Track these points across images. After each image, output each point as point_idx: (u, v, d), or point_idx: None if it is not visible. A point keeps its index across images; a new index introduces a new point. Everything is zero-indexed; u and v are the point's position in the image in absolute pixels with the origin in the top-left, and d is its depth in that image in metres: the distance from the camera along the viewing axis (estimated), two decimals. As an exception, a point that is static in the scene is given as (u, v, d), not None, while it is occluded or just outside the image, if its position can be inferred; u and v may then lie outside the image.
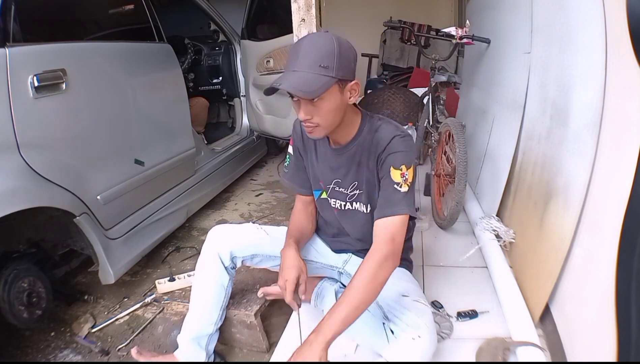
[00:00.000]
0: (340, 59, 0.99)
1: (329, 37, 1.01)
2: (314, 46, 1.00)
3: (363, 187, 1.18)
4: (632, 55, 0.87)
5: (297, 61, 1.00)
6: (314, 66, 0.98)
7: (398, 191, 1.07)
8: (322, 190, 1.27)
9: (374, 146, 1.12)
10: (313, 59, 0.98)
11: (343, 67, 1.00)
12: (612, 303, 0.85)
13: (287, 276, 1.08)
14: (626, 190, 0.84)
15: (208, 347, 1.27)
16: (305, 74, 0.98)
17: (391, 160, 1.08)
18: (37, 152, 1.38)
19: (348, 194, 1.21)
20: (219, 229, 1.30)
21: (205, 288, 1.26)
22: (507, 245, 1.63)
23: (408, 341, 1.05)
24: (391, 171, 1.08)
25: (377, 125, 1.13)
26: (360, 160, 1.15)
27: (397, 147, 1.08)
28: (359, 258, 1.31)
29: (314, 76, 0.98)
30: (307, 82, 0.97)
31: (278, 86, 0.98)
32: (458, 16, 4.46)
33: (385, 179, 1.10)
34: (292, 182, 1.31)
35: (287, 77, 0.99)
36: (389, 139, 1.08)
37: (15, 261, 1.42)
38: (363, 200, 1.19)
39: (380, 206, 1.09)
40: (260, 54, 2.68)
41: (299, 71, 0.99)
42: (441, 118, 2.13)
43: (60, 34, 1.60)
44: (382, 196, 1.10)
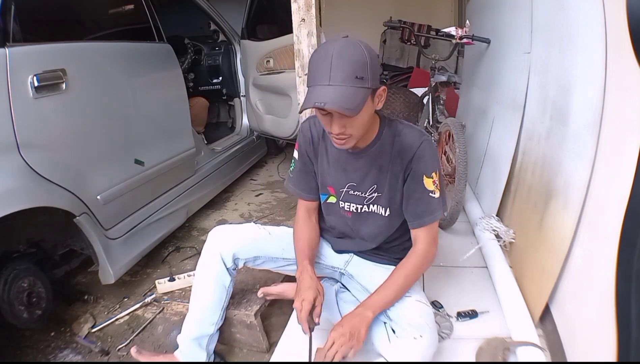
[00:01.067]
0: (372, 68, 0.96)
1: (358, 45, 0.96)
2: (346, 57, 0.94)
3: (384, 191, 1.16)
4: (632, 55, 0.87)
5: (329, 73, 0.93)
6: (350, 79, 0.93)
7: (433, 199, 1.12)
8: (329, 194, 1.24)
9: (400, 151, 1.11)
10: (348, 71, 0.93)
11: (374, 76, 0.97)
12: (612, 303, 0.85)
13: (305, 296, 1.07)
14: (626, 190, 0.84)
15: (208, 347, 1.26)
16: (342, 89, 0.93)
17: (423, 168, 1.10)
18: (37, 152, 1.38)
19: (366, 197, 1.19)
20: (221, 230, 1.29)
21: (206, 288, 1.26)
22: (507, 245, 1.63)
23: (409, 340, 1.05)
24: (424, 180, 1.10)
25: (399, 129, 1.12)
26: (381, 164, 1.14)
27: (426, 153, 1.09)
28: (360, 259, 1.31)
29: (353, 90, 0.93)
30: (348, 98, 0.92)
31: (321, 105, 0.92)
32: (458, 16, 4.45)
33: (417, 186, 1.11)
34: (297, 188, 1.28)
35: (324, 93, 0.93)
36: (417, 145, 1.09)
37: (15, 261, 1.42)
38: (382, 203, 1.18)
39: (419, 215, 1.14)
40: (260, 54, 2.68)
41: (334, 85, 0.93)
42: (441, 118, 2.13)
43: (60, 34, 1.60)
44: (418, 205, 1.13)
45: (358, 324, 1.02)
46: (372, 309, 1.05)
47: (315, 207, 1.30)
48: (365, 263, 1.30)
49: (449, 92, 2.35)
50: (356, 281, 1.30)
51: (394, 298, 1.10)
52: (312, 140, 1.20)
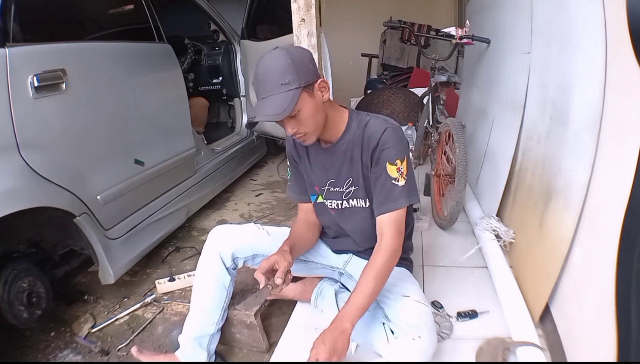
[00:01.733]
0: (296, 69, 1.03)
1: (278, 53, 1.04)
2: (268, 68, 1.04)
3: (359, 182, 1.19)
4: (632, 55, 0.87)
5: (261, 87, 1.05)
6: (276, 86, 1.02)
7: (396, 186, 1.11)
8: (317, 194, 1.28)
9: (367, 140, 1.14)
10: (272, 80, 1.03)
11: (303, 74, 1.04)
12: (612, 303, 0.85)
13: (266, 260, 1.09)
14: (626, 190, 0.84)
15: (210, 347, 1.27)
16: (271, 98, 1.03)
17: (386, 155, 1.11)
18: (37, 152, 1.38)
19: (344, 192, 1.22)
20: (220, 229, 1.30)
21: (206, 288, 1.26)
22: (507, 245, 1.63)
23: (408, 341, 1.05)
24: (387, 167, 1.11)
25: (365, 120, 1.16)
26: (352, 155, 1.17)
27: (389, 140, 1.11)
28: (359, 259, 1.31)
29: (280, 96, 1.02)
30: (276, 105, 1.02)
31: (254, 120, 1.05)
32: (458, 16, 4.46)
33: (381, 174, 1.12)
34: (294, 192, 1.35)
35: (259, 107, 1.05)
36: (380, 132, 1.11)
37: (15, 261, 1.42)
38: (361, 195, 1.21)
39: (381, 202, 1.13)
40: (260, 54, 2.66)
41: (266, 97, 1.04)
42: (441, 118, 2.13)
43: (60, 34, 1.60)
44: (381, 192, 1.14)
45: (339, 340, 0.98)
46: (349, 320, 1.01)
47: (311, 209, 1.33)
48: (365, 263, 1.30)
49: (449, 92, 2.35)
50: (355, 281, 1.30)
51: (369, 302, 1.05)
52: (294, 143, 1.27)
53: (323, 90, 1.09)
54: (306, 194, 1.31)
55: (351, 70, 4.36)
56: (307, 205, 1.33)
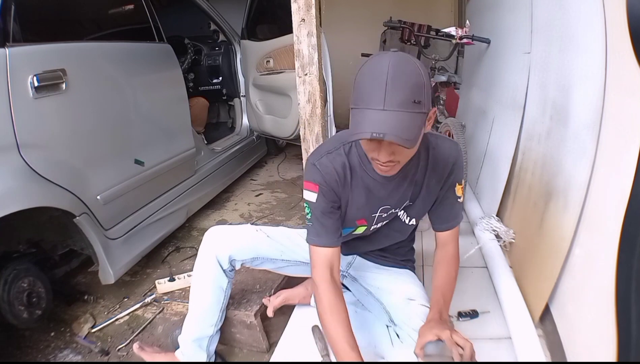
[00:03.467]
0: (428, 90, 0.84)
1: (413, 63, 0.84)
2: (403, 77, 0.81)
3: (416, 202, 1.12)
4: (632, 55, 0.87)
5: (383, 96, 0.81)
6: (408, 103, 0.81)
7: (459, 203, 1.14)
8: (356, 227, 1.14)
9: (435, 164, 1.07)
10: (406, 94, 0.81)
11: (430, 98, 0.86)
12: (612, 303, 0.85)
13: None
14: (626, 190, 0.84)
15: (209, 348, 1.27)
16: (399, 115, 0.81)
17: (457, 177, 1.11)
18: (37, 152, 1.38)
19: (398, 212, 1.15)
20: (216, 231, 1.25)
21: (203, 290, 1.24)
22: (507, 245, 1.63)
23: (413, 345, 1.04)
24: (456, 187, 1.12)
25: (432, 142, 1.06)
26: (416, 179, 1.08)
27: (461, 163, 1.10)
28: (362, 260, 1.31)
29: (410, 116, 0.82)
30: (406, 127, 0.81)
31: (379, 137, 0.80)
32: (458, 16, 4.45)
33: (451, 194, 1.13)
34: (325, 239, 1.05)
35: (379, 121, 0.81)
36: (454, 156, 1.08)
37: (15, 261, 1.42)
38: (411, 213, 1.16)
39: (446, 219, 1.15)
40: (260, 54, 2.68)
41: (389, 111, 0.81)
42: (441, 118, 2.13)
43: (60, 34, 1.60)
44: (445, 210, 1.15)
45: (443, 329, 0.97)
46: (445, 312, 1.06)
47: (338, 253, 1.08)
48: (369, 265, 1.30)
49: (449, 92, 2.35)
50: (359, 284, 1.30)
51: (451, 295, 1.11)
52: (337, 176, 1.03)
53: (430, 121, 0.93)
54: (339, 237, 1.08)
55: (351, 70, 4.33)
56: (334, 250, 1.06)
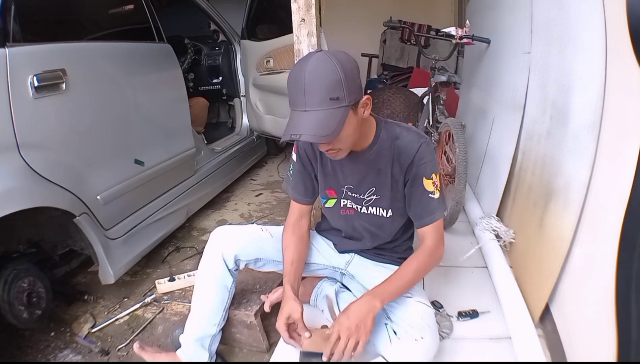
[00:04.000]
0: (347, 84, 0.93)
1: (330, 62, 0.92)
2: (318, 78, 0.92)
3: (383, 193, 1.17)
4: (632, 55, 0.87)
5: (303, 98, 0.93)
6: (325, 101, 0.92)
7: (433, 199, 1.12)
8: (328, 197, 1.24)
9: (399, 154, 1.12)
10: (321, 94, 0.92)
11: (352, 90, 0.95)
12: (612, 303, 0.85)
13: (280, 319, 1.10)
14: (626, 190, 0.84)
15: (211, 348, 1.27)
16: (317, 114, 0.92)
17: (423, 171, 1.11)
18: (37, 152, 1.38)
19: (364, 199, 1.19)
20: (223, 230, 1.28)
21: (208, 289, 1.25)
22: (507, 245, 1.63)
23: (411, 342, 1.05)
24: (424, 181, 1.11)
25: (396, 132, 1.12)
26: (380, 167, 1.14)
27: (425, 156, 1.10)
28: (361, 259, 1.31)
29: (329, 113, 0.92)
30: (323, 124, 0.92)
31: (300, 139, 0.93)
32: (458, 16, 4.45)
33: (417, 188, 1.12)
34: (294, 191, 1.28)
35: (302, 123, 0.93)
36: (416, 148, 1.09)
37: (15, 261, 1.42)
38: (384, 204, 1.19)
39: (420, 216, 1.15)
40: (260, 54, 2.68)
41: (309, 111, 0.93)
42: (441, 118, 2.13)
43: (60, 34, 1.60)
44: (417, 206, 1.14)
45: (365, 315, 0.98)
46: (381, 299, 1.02)
47: (308, 211, 1.30)
48: (367, 262, 1.30)
49: (449, 92, 2.34)
50: (357, 282, 1.30)
51: (402, 290, 1.10)
52: (312, 149, 1.20)
53: (365, 106, 1.01)
54: (308, 195, 1.27)
55: (351, 70, 4.35)
56: (304, 207, 1.29)
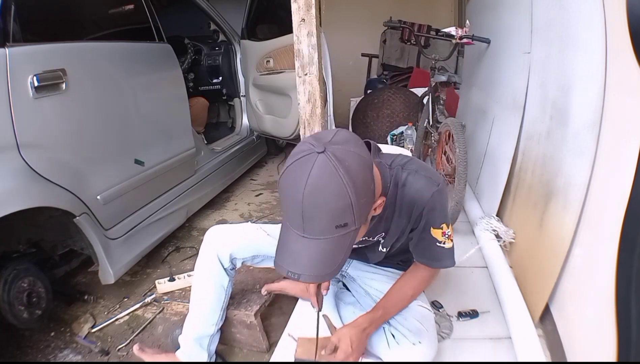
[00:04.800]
0: (359, 205, 0.75)
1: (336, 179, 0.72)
2: (321, 203, 0.73)
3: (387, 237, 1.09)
4: (632, 55, 0.87)
5: (301, 223, 0.75)
6: (329, 230, 0.75)
7: (442, 248, 1.04)
8: None
9: (406, 203, 0.99)
10: (325, 223, 0.75)
11: (364, 210, 0.78)
12: (612, 303, 0.85)
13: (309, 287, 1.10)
14: (626, 190, 0.84)
15: (210, 347, 1.27)
16: (319, 245, 0.76)
17: (432, 221, 1.00)
18: (37, 152, 1.38)
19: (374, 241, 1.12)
20: (217, 230, 1.27)
21: (205, 289, 1.25)
22: (507, 245, 1.63)
23: (409, 346, 1.05)
24: (432, 231, 1.01)
25: (402, 178, 0.98)
26: (386, 215, 1.02)
27: (436, 206, 0.98)
28: (360, 262, 1.31)
29: (333, 243, 0.76)
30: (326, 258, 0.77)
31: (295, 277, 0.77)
32: (458, 16, 4.45)
33: (425, 235, 1.03)
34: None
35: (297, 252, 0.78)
36: (426, 198, 0.96)
37: (15, 261, 1.42)
38: (385, 244, 1.12)
39: (426, 257, 1.07)
40: (260, 54, 2.68)
41: (309, 238, 0.76)
42: (441, 118, 2.12)
43: (60, 34, 1.60)
44: (425, 249, 1.05)
45: (363, 340, 1.04)
46: (375, 326, 1.07)
47: None
48: (364, 266, 1.30)
49: (449, 92, 2.34)
50: (357, 284, 1.30)
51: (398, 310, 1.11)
52: None
53: (380, 207, 0.89)
54: None
55: (351, 70, 4.35)
56: None
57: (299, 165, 0.75)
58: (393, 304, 1.10)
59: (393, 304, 1.10)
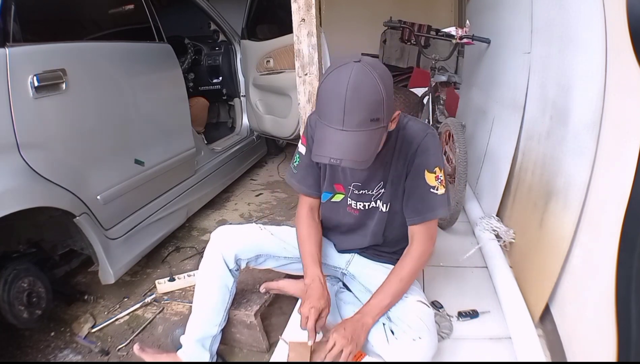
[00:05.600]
0: (388, 103, 0.90)
1: (372, 78, 0.88)
2: (361, 97, 0.87)
3: (386, 186, 1.15)
4: (632, 55, 0.87)
5: (342, 117, 0.88)
6: (366, 122, 0.89)
7: (435, 195, 1.08)
8: (334, 193, 1.22)
9: (403, 144, 1.08)
10: (363, 115, 0.88)
11: (390, 110, 0.92)
12: (612, 303, 0.85)
13: (315, 305, 1.07)
14: (626, 190, 0.84)
15: (212, 348, 1.26)
16: (357, 136, 0.89)
17: (425, 162, 1.06)
18: (37, 152, 1.38)
19: (373, 194, 1.17)
20: (223, 231, 1.28)
21: (210, 290, 1.25)
22: (507, 245, 1.63)
23: (408, 342, 1.05)
24: (426, 174, 1.07)
25: (403, 122, 1.09)
26: (386, 160, 1.11)
27: (429, 147, 1.06)
28: (362, 258, 1.31)
29: (369, 135, 0.89)
30: (363, 147, 0.89)
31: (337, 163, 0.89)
32: (458, 16, 4.45)
33: (418, 181, 1.08)
34: (303, 184, 1.24)
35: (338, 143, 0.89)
36: (421, 137, 1.06)
37: (15, 261, 1.42)
38: (384, 199, 1.17)
39: (419, 211, 1.11)
40: (260, 54, 2.68)
41: (348, 131, 0.89)
42: (441, 118, 2.13)
43: (60, 34, 1.60)
44: (418, 200, 1.10)
45: (359, 330, 1.05)
46: (371, 316, 1.08)
47: (318, 204, 1.29)
48: (367, 262, 1.30)
49: (449, 92, 2.35)
50: (358, 282, 1.30)
51: (391, 302, 1.11)
52: None
53: (395, 120, 0.99)
54: (316, 188, 1.24)
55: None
56: (313, 200, 1.27)
57: (340, 71, 0.90)
58: (388, 293, 1.11)
59: (388, 293, 1.11)
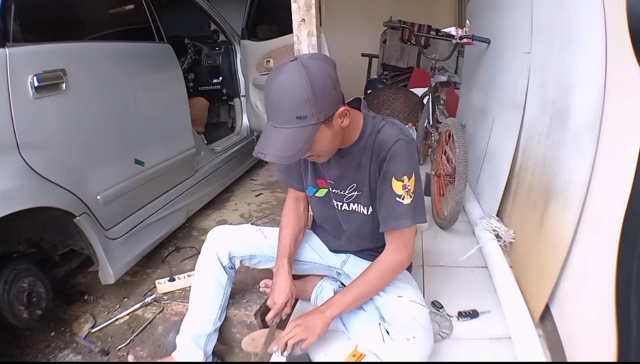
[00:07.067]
0: (316, 102, 0.91)
1: (299, 77, 0.90)
2: (284, 95, 0.92)
3: (363, 189, 1.15)
4: (632, 55, 0.87)
5: (274, 115, 0.95)
6: (291, 120, 0.92)
7: (400, 204, 1.06)
8: (318, 187, 1.25)
9: (376, 148, 1.09)
10: (288, 113, 0.92)
11: (322, 108, 0.93)
12: (612, 303, 0.85)
13: (277, 299, 1.16)
14: (626, 190, 0.84)
15: (206, 347, 1.26)
16: (283, 132, 0.93)
17: (393, 169, 1.05)
18: (37, 152, 1.38)
19: (345, 195, 1.19)
20: (218, 230, 1.32)
21: (203, 287, 1.27)
22: (507, 245, 1.63)
23: (402, 341, 1.05)
24: (393, 182, 1.06)
25: (379, 126, 1.10)
26: (360, 161, 1.12)
27: (399, 154, 1.05)
28: (357, 258, 1.31)
29: (294, 132, 0.92)
30: (289, 143, 0.93)
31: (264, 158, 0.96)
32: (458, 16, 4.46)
33: (385, 188, 1.08)
34: (286, 176, 1.31)
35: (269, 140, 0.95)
36: (391, 142, 1.05)
37: (15, 261, 1.42)
38: (363, 201, 1.18)
39: (384, 218, 1.11)
40: (260, 54, 2.68)
41: (278, 128, 0.94)
42: (441, 118, 2.13)
43: (60, 34, 1.60)
44: (384, 207, 1.10)
45: (315, 320, 1.08)
46: (331, 311, 1.09)
47: (304, 196, 1.33)
48: (362, 263, 1.30)
49: (449, 92, 2.35)
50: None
51: (354, 302, 1.13)
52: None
53: (344, 117, 0.99)
54: (301, 182, 1.28)
55: (351, 70, 4.35)
56: (300, 192, 1.32)
57: (276, 70, 0.94)
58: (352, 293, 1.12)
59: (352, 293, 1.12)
